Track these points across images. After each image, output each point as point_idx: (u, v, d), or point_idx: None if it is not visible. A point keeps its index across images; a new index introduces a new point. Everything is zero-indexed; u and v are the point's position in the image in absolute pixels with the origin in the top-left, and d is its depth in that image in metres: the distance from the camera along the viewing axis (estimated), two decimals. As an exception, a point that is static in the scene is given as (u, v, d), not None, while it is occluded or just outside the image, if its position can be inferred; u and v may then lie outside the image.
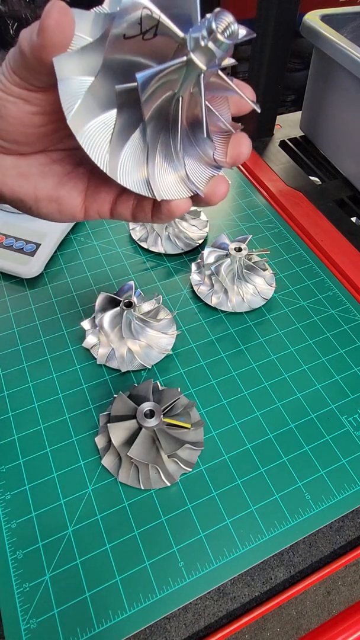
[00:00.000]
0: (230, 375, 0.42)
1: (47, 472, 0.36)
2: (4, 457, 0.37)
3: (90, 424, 0.39)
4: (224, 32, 0.17)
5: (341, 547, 0.35)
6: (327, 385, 0.42)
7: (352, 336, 0.45)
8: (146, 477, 0.35)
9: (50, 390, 0.41)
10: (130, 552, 0.33)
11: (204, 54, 0.18)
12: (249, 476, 0.36)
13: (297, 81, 1.43)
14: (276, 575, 0.33)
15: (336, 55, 0.53)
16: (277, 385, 0.42)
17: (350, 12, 0.59)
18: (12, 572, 0.32)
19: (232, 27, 0.17)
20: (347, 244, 0.53)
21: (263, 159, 0.65)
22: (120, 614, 0.31)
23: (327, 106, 0.60)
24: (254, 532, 0.34)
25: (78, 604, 0.31)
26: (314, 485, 0.36)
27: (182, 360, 0.43)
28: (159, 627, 0.31)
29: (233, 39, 0.17)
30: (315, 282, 0.50)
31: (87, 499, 0.35)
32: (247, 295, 0.46)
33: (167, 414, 0.37)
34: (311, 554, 0.34)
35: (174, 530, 0.34)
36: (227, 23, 0.17)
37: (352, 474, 0.37)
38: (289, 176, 0.62)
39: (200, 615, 0.32)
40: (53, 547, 0.33)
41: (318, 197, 0.59)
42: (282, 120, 0.72)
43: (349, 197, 0.60)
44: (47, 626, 0.30)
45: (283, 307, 0.48)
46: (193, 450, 0.37)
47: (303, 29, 0.57)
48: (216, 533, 0.34)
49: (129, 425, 0.36)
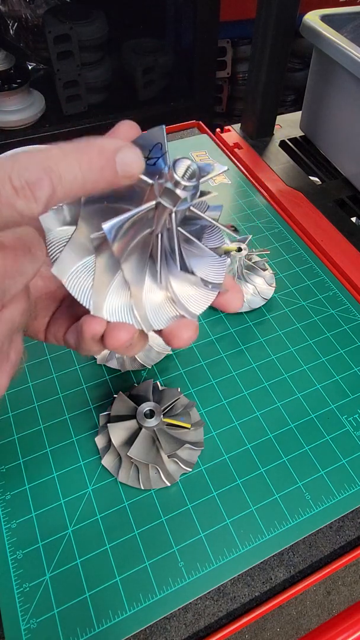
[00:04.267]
0: (230, 375, 0.42)
1: (47, 472, 0.36)
2: (4, 457, 0.37)
3: (90, 424, 0.39)
4: (183, 175, 0.19)
5: (341, 547, 0.35)
6: (327, 385, 0.42)
7: (352, 336, 0.45)
8: (146, 477, 0.35)
9: (50, 390, 0.41)
10: (130, 552, 0.33)
11: (170, 197, 0.19)
12: (249, 476, 0.36)
13: (297, 81, 1.43)
14: (276, 575, 0.33)
15: (336, 55, 0.53)
16: (277, 385, 0.42)
17: (350, 12, 0.59)
18: (12, 572, 0.32)
19: (191, 169, 0.19)
20: (347, 244, 0.53)
21: (263, 159, 0.65)
22: (120, 614, 0.31)
23: (327, 106, 0.60)
24: (254, 532, 0.34)
25: (78, 604, 0.31)
26: (314, 485, 0.36)
27: (182, 360, 0.43)
28: (159, 627, 0.31)
29: (194, 179, 0.19)
30: (315, 282, 0.50)
31: (87, 499, 0.35)
32: (247, 295, 0.46)
33: (167, 414, 0.37)
34: (311, 554, 0.34)
35: (174, 530, 0.34)
36: (185, 167, 0.19)
37: (352, 474, 0.37)
38: (289, 176, 0.62)
39: (200, 615, 0.32)
40: (53, 547, 0.33)
41: (318, 197, 0.59)
42: (282, 120, 0.72)
43: (349, 197, 0.60)
44: (47, 626, 0.30)
45: (283, 307, 0.48)
46: (193, 450, 0.37)
47: (303, 29, 0.57)
48: (216, 533, 0.34)
49: (129, 425, 0.36)
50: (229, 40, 1.34)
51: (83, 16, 1.09)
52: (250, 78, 0.63)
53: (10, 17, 1.16)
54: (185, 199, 0.19)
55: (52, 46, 1.05)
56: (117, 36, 1.18)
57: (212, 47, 1.17)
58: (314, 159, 0.67)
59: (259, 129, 0.67)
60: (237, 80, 1.44)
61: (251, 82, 0.63)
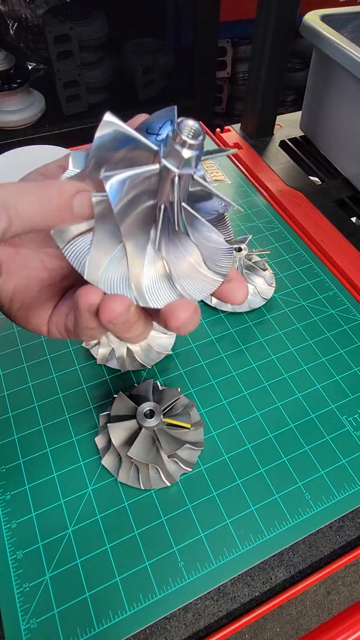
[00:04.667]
0: (230, 375, 0.42)
1: (47, 472, 0.36)
2: (4, 457, 0.37)
3: (90, 424, 0.39)
4: (188, 133, 0.19)
5: (341, 547, 0.35)
6: (327, 385, 0.42)
7: (352, 336, 0.45)
8: (146, 477, 0.35)
9: (50, 390, 0.41)
10: (130, 552, 0.33)
11: (173, 157, 0.19)
12: (249, 476, 0.36)
13: (297, 81, 1.44)
14: (276, 575, 0.33)
15: (336, 55, 0.53)
16: (277, 385, 0.42)
17: (350, 12, 0.59)
18: (12, 572, 0.32)
19: (194, 127, 0.19)
20: (347, 244, 0.53)
21: (263, 159, 0.65)
22: (120, 614, 0.31)
23: (327, 106, 0.60)
24: (254, 532, 0.34)
25: (78, 604, 0.31)
26: (314, 485, 0.36)
27: (182, 360, 0.43)
28: (159, 627, 0.31)
29: (197, 138, 0.19)
30: (315, 282, 0.50)
31: (87, 499, 0.35)
32: (247, 295, 0.46)
33: (167, 414, 0.37)
34: (311, 554, 0.34)
35: (174, 530, 0.34)
36: (189, 126, 0.19)
37: (352, 474, 0.37)
38: (289, 176, 0.62)
39: (200, 615, 0.32)
40: (53, 547, 0.33)
41: (318, 197, 0.59)
42: (282, 120, 0.72)
43: (349, 197, 0.60)
44: (47, 626, 0.30)
45: (283, 307, 0.48)
46: (193, 450, 0.37)
47: (303, 29, 0.57)
48: (216, 533, 0.34)
49: (129, 425, 0.36)
50: (229, 40, 1.34)
51: (83, 16, 1.09)
52: (250, 78, 0.63)
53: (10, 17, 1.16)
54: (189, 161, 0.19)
55: (52, 46, 1.05)
56: (117, 36, 1.18)
57: (212, 47, 1.17)
58: (314, 159, 0.67)
59: (259, 129, 0.67)
60: (237, 80, 1.44)
61: (251, 82, 0.63)
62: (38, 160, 0.24)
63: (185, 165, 0.19)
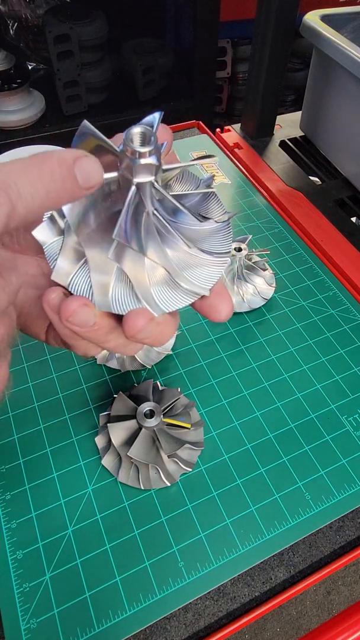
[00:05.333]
0: (230, 375, 0.42)
1: (47, 472, 0.36)
2: (4, 457, 0.37)
3: (90, 424, 0.39)
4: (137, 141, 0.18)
5: (341, 547, 0.35)
6: (327, 385, 0.42)
7: (352, 336, 0.45)
8: (146, 477, 0.35)
9: (50, 390, 0.41)
10: (130, 552, 0.33)
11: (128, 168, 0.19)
12: (249, 476, 0.36)
13: (297, 81, 1.44)
14: (276, 575, 0.33)
15: (336, 55, 0.53)
16: (277, 385, 0.42)
17: (350, 12, 0.59)
18: (12, 572, 0.32)
19: (140, 133, 0.19)
20: (347, 244, 0.53)
21: (263, 159, 0.65)
22: (120, 614, 0.31)
23: (327, 106, 0.60)
24: (254, 532, 0.34)
25: (78, 604, 0.31)
26: (314, 485, 0.36)
27: (182, 360, 0.43)
28: (159, 627, 0.31)
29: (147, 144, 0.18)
30: (315, 282, 0.50)
31: (87, 499, 0.35)
32: (247, 295, 0.46)
33: (167, 414, 0.37)
34: (311, 554, 0.34)
35: (174, 530, 0.34)
36: (136, 134, 0.19)
37: (352, 474, 0.37)
38: (289, 176, 0.62)
39: (200, 615, 0.32)
40: (53, 547, 0.33)
41: (318, 197, 0.59)
42: (282, 120, 0.72)
43: (349, 197, 0.60)
44: (47, 626, 0.30)
45: (283, 307, 0.48)
46: (193, 450, 0.37)
47: (303, 29, 0.57)
48: (216, 533, 0.34)
49: (129, 425, 0.36)
50: (229, 40, 1.35)
51: (83, 16, 1.09)
52: (250, 78, 0.63)
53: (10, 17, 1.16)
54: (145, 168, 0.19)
55: (52, 46, 1.05)
56: (117, 36, 1.18)
57: (212, 47, 1.17)
58: (314, 159, 0.67)
59: (259, 129, 0.67)
60: (237, 80, 1.44)
61: (251, 82, 0.63)
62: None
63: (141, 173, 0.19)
